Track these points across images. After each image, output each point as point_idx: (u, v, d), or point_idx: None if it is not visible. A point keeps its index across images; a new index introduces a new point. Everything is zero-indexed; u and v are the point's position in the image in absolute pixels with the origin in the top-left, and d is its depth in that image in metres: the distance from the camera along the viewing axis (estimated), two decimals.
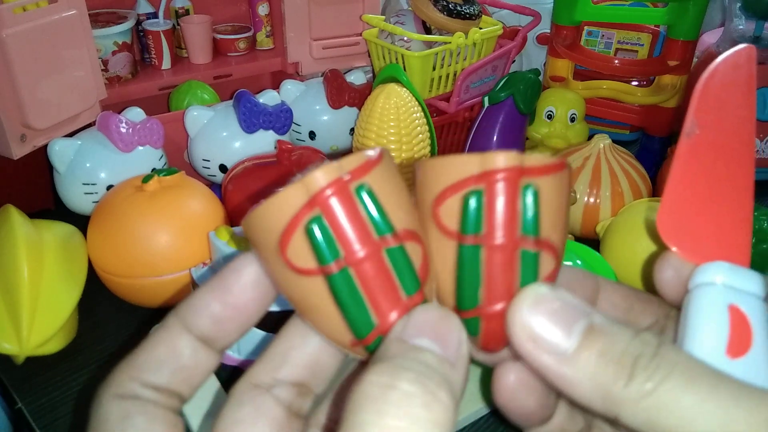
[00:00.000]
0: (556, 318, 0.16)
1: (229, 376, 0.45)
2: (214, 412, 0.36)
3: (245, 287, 0.19)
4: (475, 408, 0.44)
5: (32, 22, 0.53)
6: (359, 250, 0.16)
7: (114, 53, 0.71)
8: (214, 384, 0.39)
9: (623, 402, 0.15)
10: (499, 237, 0.16)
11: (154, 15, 0.76)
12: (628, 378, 0.15)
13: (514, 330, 0.16)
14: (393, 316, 0.17)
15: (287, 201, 0.16)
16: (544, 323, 0.16)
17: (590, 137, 0.63)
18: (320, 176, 0.16)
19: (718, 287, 0.18)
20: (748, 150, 0.19)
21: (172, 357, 0.19)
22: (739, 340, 0.17)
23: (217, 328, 0.19)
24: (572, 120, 0.68)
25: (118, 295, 0.52)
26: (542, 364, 0.16)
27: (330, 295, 0.16)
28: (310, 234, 0.16)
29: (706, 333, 0.17)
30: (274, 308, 0.23)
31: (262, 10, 0.80)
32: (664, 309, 0.21)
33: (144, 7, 0.76)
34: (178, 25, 0.78)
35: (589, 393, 0.15)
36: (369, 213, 0.16)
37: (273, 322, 0.26)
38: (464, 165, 0.17)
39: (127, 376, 0.18)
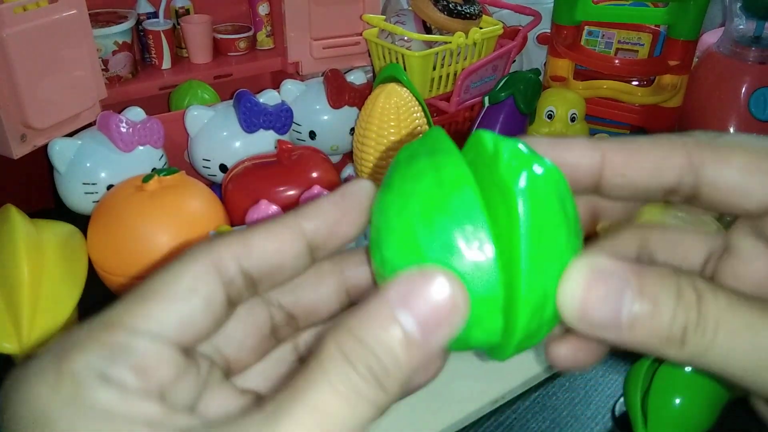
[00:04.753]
0: (607, 299, 0.16)
1: None
2: None
3: (365, 201, 0.19)
4: (476, 407, 0.44)
5: (32, 21, 0.53)
6: None
7: (114, 53, 0.71)
8: None
9: (680, 360, 0.17)
10: None
11: (155, 15, 0.76)
12: (680, 345, 0.16)
13: (568, 312, 0.17)
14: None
15: None
16: (596, 305, 0.17)
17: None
18: None
19: None
20: None
21: (277, 254, 0.18)
22: None
23: (330, 233, 0.19)
24: (572, 120, 0.68)
25: (118, 294, 0.52)
26: (599, 338, 0.17)
27: None
28: None
29: None
30: None
31: (263, 9, 0.80)
32: (710, 243, 0.21)
33: (144, 7, 0.76)
34: (179, 24, 0.78)
35: (646, 352, 0.17)
36: None
37: None
38: None
39: (230, 254, 0.17)
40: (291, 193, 0.55)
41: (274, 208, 0.49)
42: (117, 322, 0.16)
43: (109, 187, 0.56)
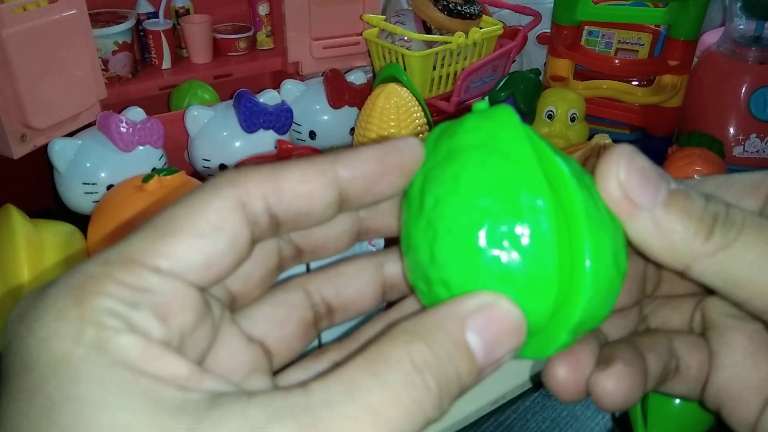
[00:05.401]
0: (648, 177, 0.17)
1: None
2: None
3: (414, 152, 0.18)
4: (476, 407, 0.44)
5: (32, 21, 0.53)
6: None
7: (114, 53, 0.71)
8: None
9: (699, 255, 0.17)
10: None
11: (155, 15, 0.76)
12: (707, 233, 0.17)
13: (609, 188, 0.17)
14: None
15: None
16: (637, 181, 0.17)
17: (590, 137, 0.63)
18: None
19: None
20: None
21: (307, 199, 0.16)
22: None
23: (366, 188, 0.17)
24: (572, 120, 0.68)
25: None
26: (635, 220, 0.17)
27: None
28: None
29: None
30: None
31: (263, 9, 0.80)
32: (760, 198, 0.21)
33: (144, 7, 0.76)
34: (179, 24, 0.78)
35: (668, 248, 0.17)
36: None
37: None
38: None
39: (258, 191, 0.16)
40: None
41: None
42: (135, 259, 0.14)
43: (109, 187, 0.56)
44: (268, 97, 0.64)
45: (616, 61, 0.76)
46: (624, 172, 0.17)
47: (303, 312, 0.19)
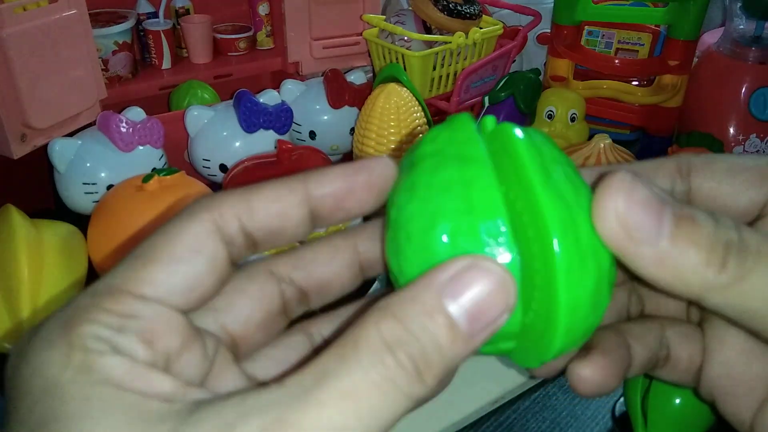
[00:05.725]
0: (649, 207, 0.15)
1: None
2: None
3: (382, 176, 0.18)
4: (476, 407, 0.44)
5: (32, 21, 0.53)
6: None
7: (114, 53, 0.71)
8: None
9: (713, 288, 0.16)
10: None
11: (155, 15, 0.76)
12: (720, 264, 0.15)
13: (607, 223, 0.15)
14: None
15: None
16: (639, 214, 0.15)
17: (591, 137, 0.63)
18: None
19: None
20: None
21: (279, 218, 0.17)
22: None
23: (335, 206, 0.18)
24: (572, 120, 0.68)
25: None
26: (638, 256, 0.16)
27: None
28: None
29: None
30: None
31: (263, 9, 0.80)
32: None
33: (144, 7, 0.76)
34: (179, 24, 0.78)
35: (680, 280, 0.16)
36: None
37: None
38: None
39: (232, 213, 0.16)
40: None
41: None
42: (121, 288, 0.15)
43: (109, 187, 0.56)
44: (268, 97, 0.64)
45: (616, 61, 0.76)
46: (623, 206, 0.15)
47: (270, 297, 0.19)
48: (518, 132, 0.16)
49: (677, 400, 0.39)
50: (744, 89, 0.72)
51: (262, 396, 0.13)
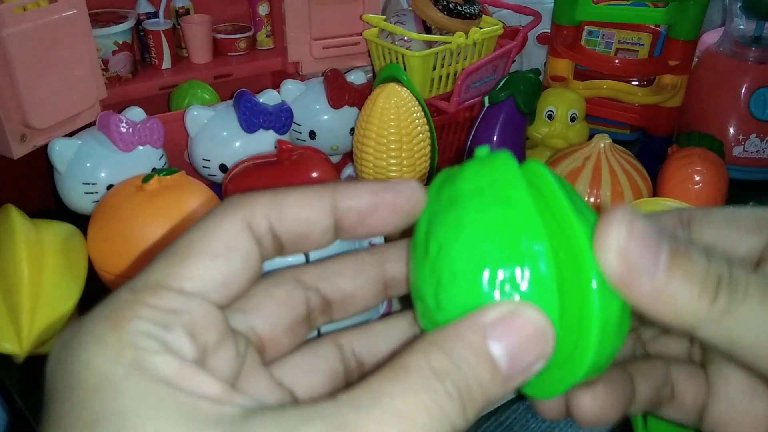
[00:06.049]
0: (648, 240, 0.16)
1: None
2: None
3: (411, 196, 0.18)
4: None
5: (32, 21, 0.53)
6: None
7: (114, 53, 0.71)
8: None
9: (705, 320, 0.16)
10: None
11: (155, 15, 0.76)
12: (712, 297, 0.16)
13: (609, 256, 0.16)
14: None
15: None
16: (639, 248, 0.16)
17: (591, 137, 0.63)
18: None
19: None
20: None
21: (306, 223, 0.17)
22: None
23: (359, 220, 0.18)
24: (572, 120, 0.68)
25: None
26: (636, 287, 0.16)
27: None
28: None
29: None
30: None
31: (263, 9, 0.80)
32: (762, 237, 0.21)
33: (144, 7, 0.76)
34: (179, 24, 0.78)
35: (674, 312, 0.16)
36: None
37: None
38: None
39: (262, 213, 0.17)
40: None
41: None
42: (161, 284, 0.15)
43: (109, 187, 0.56)
44: (268, 97, 0.64)
45: (616, 61, 0.76)
46: (624, 239, 0.16)
47: (297, 302, 0.19)
48: (551, 177, 0.17)
49: None
50: (744, 89, 0.72)
51: (319, 406, 0.14)
